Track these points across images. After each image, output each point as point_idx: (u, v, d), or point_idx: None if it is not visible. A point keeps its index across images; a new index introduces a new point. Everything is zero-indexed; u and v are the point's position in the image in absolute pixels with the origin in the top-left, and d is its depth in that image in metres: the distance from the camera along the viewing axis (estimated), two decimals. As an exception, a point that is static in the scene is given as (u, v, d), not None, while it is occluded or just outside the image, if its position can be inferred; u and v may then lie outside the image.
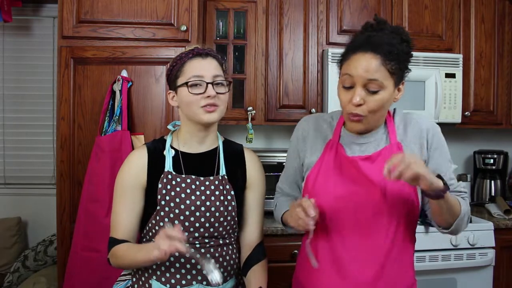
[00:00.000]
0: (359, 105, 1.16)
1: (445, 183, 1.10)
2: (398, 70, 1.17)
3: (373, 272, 1.20)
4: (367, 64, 1.15)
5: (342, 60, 1.22)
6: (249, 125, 2.46)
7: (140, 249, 1.25)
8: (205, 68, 1.31)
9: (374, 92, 1.16)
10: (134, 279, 1.37)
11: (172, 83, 1.36)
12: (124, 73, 2.06)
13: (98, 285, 1.90)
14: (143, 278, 1.34)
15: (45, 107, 2.84)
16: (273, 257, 1.65)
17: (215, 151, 1.40)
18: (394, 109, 1.33)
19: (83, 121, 2.07)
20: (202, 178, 1.35)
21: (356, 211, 1.21)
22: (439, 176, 1.10)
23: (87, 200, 1.95)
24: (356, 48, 1.18)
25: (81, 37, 2.07)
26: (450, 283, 2.29)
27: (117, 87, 2.03)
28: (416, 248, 1.36)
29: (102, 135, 1.99)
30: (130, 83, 2.06)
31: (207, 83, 1.29)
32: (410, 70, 1.23)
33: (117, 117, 2.00)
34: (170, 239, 1.12)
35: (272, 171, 2.35)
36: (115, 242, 1.31)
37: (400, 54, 1.16)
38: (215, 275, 1.17)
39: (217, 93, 1.31)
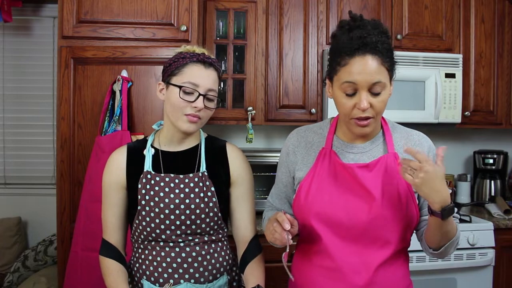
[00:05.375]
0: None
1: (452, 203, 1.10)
2: (392, 66, 1.17)
3: (367, 277, 1.19)
4: (369, 67, 1.11)
5: (336, 65, 1.16)
6: (249, 125, 2.46)
7: None
8: (203, 78, 1.30)
9: (378, 94, 1.13)
10: (129, 279, 1.39)
11: (166, 76, 1.34)
12: (124, 73, 2.06)
13: (98, 285, 1.89)
14: (136, 278, 1.37)
15: (45, 107, 2.84)
16: (271, 257, 1.64)
17: (196, 148, 1.40)
18: (390, 121, 1.33)
19: (83, 121, 2.07)
20: (181, 176, 1.34)
21: (351, 219, 1.20)
22: None
23: (87, 200, 1.95)
24: (353, 52, 1.11)
25: (81, 37, 2.07)
26: (450, 283, 2.29)
27: (117, 87, 2.03)
28: (416, 248, 1.36)
29: (102, 135, 2.00)
30: (130, 83, 2.06)
31: (200, 94, 1.29)
32: (396, 62, 1.21)
33: (117, 117, 2.00)
34: None
35: (272, 171, 2.35)
36: (106, 249, 1.37)
37: (390, 49, 1.15)
38: None
39: (205, 106, 1.30)
